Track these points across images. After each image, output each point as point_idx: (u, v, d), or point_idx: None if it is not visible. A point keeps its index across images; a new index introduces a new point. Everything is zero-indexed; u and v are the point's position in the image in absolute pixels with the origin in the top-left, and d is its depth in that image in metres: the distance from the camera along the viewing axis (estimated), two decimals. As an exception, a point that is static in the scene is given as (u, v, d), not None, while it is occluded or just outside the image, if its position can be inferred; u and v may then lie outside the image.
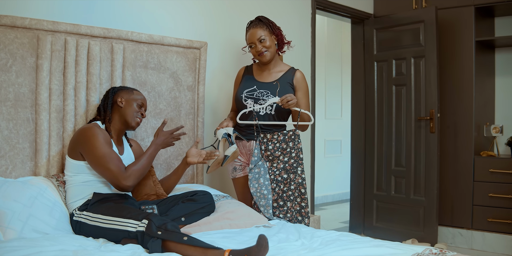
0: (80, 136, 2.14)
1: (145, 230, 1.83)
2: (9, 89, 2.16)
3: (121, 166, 2.09)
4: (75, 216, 2.08)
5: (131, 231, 1.88)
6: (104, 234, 1.98)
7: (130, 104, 2.33)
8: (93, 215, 2.02)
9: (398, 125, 4.28)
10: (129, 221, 1.91)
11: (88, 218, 2.03)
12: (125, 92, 2.36)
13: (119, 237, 1.94)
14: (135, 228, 1.87)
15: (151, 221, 1.84)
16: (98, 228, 1.98)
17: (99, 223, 1.99)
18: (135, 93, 2.38)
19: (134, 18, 2.77)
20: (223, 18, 3.30)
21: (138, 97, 2.38)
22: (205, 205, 2.32)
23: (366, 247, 1.87)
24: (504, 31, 4.23)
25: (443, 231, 4.15)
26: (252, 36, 2.68)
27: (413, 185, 4.15)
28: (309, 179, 3.97)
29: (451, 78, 4.15)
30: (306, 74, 3.96)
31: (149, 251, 1.80)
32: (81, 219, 2.05)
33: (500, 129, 4.02)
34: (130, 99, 2.34)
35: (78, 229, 2.05)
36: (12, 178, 2.16)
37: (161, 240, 1.80)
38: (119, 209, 2.01)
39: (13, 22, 2.15)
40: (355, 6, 4.34)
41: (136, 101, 2.36)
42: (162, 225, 1.83)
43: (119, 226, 1.93)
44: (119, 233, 1.93)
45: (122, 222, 1.93)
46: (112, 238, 1.96)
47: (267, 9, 3.61)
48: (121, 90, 2.37)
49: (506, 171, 3.81)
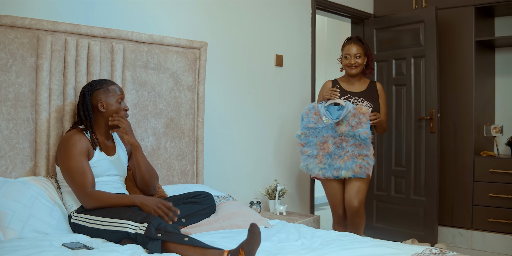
0: (59, 144, 2.14)
1: (144, 233, 1.83)
2: (9, 89, 2.16)
3: (88, 182, 2.05)
4: (72, 218, 2.08)
5: (130, 232, 1.88)
6: (102, 235, 1.97)
7: (111, 105, 2.23)
8: (91, 217, 2.01)
9: (398, 125, 4.27)
10: (128, 222, 1.90)
11: (86, 220, 2.02)
12: (101, 93, 2.22)
13: (118, 238, 1.93)
14: (135, 230, 1.87)
15: (151, 223, 1.84)
16: (97, 230, 1.98)
17: (97, 225, 1.98)
18: (110, 90, 2.24)
19: (134, 18, 2.77)
20: (223, 18, 3.30)
21: (115, 92, 2.25)
22: (207, 207, 2.32)
23: (366, 247, 1.87)
24: (504, 31, 4.23)
25: (443, 231, 4.15)
26: (350, 49, 3.10)
27: (413, 185, 4.14)
28: (309, 179, 3.98)
29: (451, 78, 4.15)
30: (306, 74, 3.97)
31: (149, 251, 1.80)
32: (79, 222, 2.04)
33: (500, 129, 4.02)
34: (109, 101, 2.23)
35: (76, 231, 2.05)
36: (12, 178, 2.16)
37: (161, 241, 1.80)
38: (116, 210, 2.00)
39: (13, 22, 2.14)
40: (355, 6, 4.35)
41: (115, 98, 2.24)
42: (162, 227, 1.83)
43: (118, 227, 1.92)
44: (118, 234, 1.92)
45: (120, 223, 1.92)
46: (111, 238, 1.95)
47: (267, 9, 3.61)
48: (95, 91, 2.22)
49: (506, 171, 3.81)
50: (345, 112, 2.94)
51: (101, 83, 2.25)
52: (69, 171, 2.06)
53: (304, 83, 3.95)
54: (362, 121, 2.93)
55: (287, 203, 3.64)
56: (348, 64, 3.12)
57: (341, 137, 2.97)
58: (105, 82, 2.27)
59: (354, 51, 3.09)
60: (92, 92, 2.22)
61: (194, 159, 2.95)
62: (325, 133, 2.99)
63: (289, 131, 3.78)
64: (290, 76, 3.82)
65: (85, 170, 2.06)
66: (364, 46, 3.12)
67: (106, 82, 2.27)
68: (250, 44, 3.50)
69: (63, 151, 2.09)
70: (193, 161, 2.95)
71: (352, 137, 2.94)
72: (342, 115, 2.93)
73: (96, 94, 2.22)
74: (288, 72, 3.80)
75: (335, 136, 2.97)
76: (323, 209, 5.81)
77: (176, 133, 2.85)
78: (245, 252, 1.68)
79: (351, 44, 3.12)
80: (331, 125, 2.98)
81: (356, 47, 3.09)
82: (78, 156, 2.07)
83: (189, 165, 2.92)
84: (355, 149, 2.94)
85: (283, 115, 3.78)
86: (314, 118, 3.02)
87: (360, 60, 3.10)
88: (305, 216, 3.22)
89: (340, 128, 2.97)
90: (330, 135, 2.98)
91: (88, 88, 2.23)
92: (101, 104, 2.22)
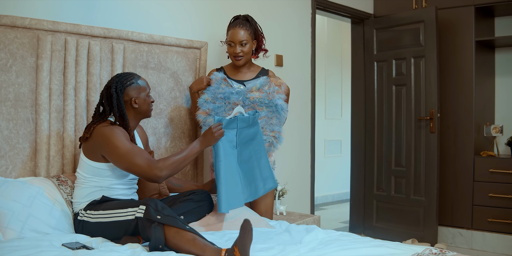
0: (99, 137, 2.07)
1: (143, 216, 1.84)
2: (9, 89, 2.16)
3: (149, 158, 2.04)
4: (79, 215, 2.08)
5: (131, 219, 1.88)
6: (105, 230, 1.98)
7: (144, 101, 2.25)
8: (95, 212, 2.02)
9: (398, 125, 4.27)
10: (128, 210, 1.92)
11: (90, 216, 2.03)
12: (133, 90, 2.21)
13: (121, 231, 1.94)
14: (134, 215, 1.88)
15: (149, 205, 1.85)
16: (100, 224, 1.98)
17: (100, 218, 1.99)
18: (141, 85, 2.25)
19: (134, 18, 2.77)
20: (224, 18, 3.30)
21: (145, 87, 2.26)
22: (202, 204, 2.32)
23: (366, 247, 1.87)
24: (504, 31, 4.23)
25: (443, 231, 4.15)
26: (235, 35, 2.66)
27: (413, 185, 4.14)
28: (309, 179, 3.98)
29: (451, 78, 4.15)
30: (306, 74, 3.97)
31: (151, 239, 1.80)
32: (84, 218, 2.05)
33: (500, 129, 4.02)
34: (141, 96, 2.24)
35: (81, 228, 2.05)
36: (12, 178, 2.16)
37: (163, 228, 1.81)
38: (119, 203, 2.02)
39: (13, 22, 2.14)
40: (355, 6, 4.34)
41: (146, 93, 2.26)
42: (159, 209, 1.85)
43: (119, 217, 1.93)
44: (120, 225, 1.93)
45: (121, 212, 1.93)
46: (114, 233, 1.96)
47: (267, 9, 3.61)
48: (127, 88, 2.21)
49: (506, 171, 3.81)
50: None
51: (130, 79, 2.22)
52: (126, 156, 2.01)
53: (304, 83, 3.95)
54: (279, 92, 2.65)
55: (287, 203, 3.64)
56: (232, 53, 2.69)
57: (253, 106, 2.64)
58: (132, 77, 2.24)
59: (239, 37, 2.64)
60: (124, 89, 2.19)
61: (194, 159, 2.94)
62: (236, 99, 2.63)
63: (288, 131, 3.78)
64: (290, 76, 3.81)
65: (137, 149, 2.04)
66: (252, 28, 2.69)
67: (133, 76, 2.25)
68: (250, 44, 3.50)
69: (108, 141, 2.04)
70: (194, 162, 2.95)
71: (266, 106, 2.63)
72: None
73: (128, 91, 2.21)
74: (288, 72, 3.80)
75: (246, 103, 2.64)
76: (323, 209, 5.81)
77: (176, 133, 2.85)
78: (239, 249, 1.68)
79: (236, 27, 2.67)
80: (243, 92, 2.64)
81: (242, 31, 2.65)
82: (126, 140, 2.06)
83: (189, 165, 2.92)
84: (266, 123, 2.63)
85: (283, 115, 3.77)
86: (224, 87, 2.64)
87: (246, 49, 2.67)
88: (305, 216, 3.22)
89: (252, 94, 2.63)
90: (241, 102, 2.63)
91: (120, 86, 2.18)
92: (134, 100, 2.21)
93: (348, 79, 5.53)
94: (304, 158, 3.94)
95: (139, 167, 2.00)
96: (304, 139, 3.94)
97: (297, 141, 3.87)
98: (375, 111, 4.46)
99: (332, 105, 6.32)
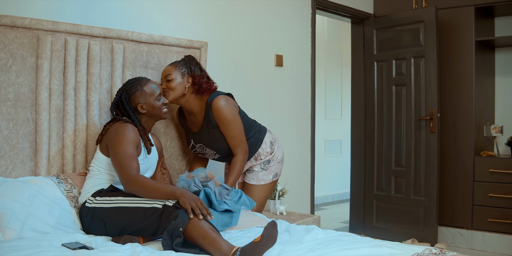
0: (113, 132, 2.18)
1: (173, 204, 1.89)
2: (9, 89, 2.16)
3: (134, 167, 2.07)
4: (87, 202, 2.09)
5: (157, 207, 1.91)
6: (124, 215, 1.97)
7: (152, 106, 2.31)
8: (111, 198, 2.05)
9: (398, 125, 4.28)
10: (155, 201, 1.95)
11: (104, 201, 2.05)
12: (138, 96, 2.28)
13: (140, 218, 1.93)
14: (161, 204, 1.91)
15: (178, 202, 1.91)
16: (118, 209, 1.99)
17: (119, 203, 2.01)
18: (147, 91, 2.29)
19: (134, 18, 2.77)
20: (224, 18, 3.30)
21: (152, 91, 2.30)
22: None
23: (366, 247, 1.87)
24: (504, 31, 4.23)
25: (443, 231, 4.15)
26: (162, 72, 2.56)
27: (413, 185, 4.15)
28: (309, 179, 3.98)
29: (451, 78, 4.15)
30: (306, 74, 3.96)
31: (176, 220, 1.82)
32: (96, 205, 2.06)
33: (500, 129, 4.02)
34: (148, 101, 2.29)
35: (91, 215, 2.05)
36: (12, 178, 2.16)
37: None
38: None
39: (13, 22, 2.14)
40: (355, 6, 4.35)
41: (153, 97, 2.31)
42: None
43: (145, 204, 1.95)
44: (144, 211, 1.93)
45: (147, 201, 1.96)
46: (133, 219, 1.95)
47: (267, 9, 3.61)
48: (131, 95, 2.27)
49: (506, 171, 3.81)
50: None
51: (135, 85, 2.30)
52: (119, 154, 2.08)
53: (304, 83, 3.95)
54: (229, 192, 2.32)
55: (287, 203, 3.64)
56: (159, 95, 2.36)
57: None
58: (138, 83, 2.31)
59: (164, 72, 2.54)
60: (129, 97, 2.29)
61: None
62: None
63: (288, 131, 3.78)
64: (290, 76, 3.82)
65: (134, 156, 2.11)
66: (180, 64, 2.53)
67: (139, 82, 2.31)
68: (250, 44, 3.50)
69: (118, 136, 2.13)
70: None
71: None
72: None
73: (134, 98, 2.30)
74: (288, 72, 3.80)
75: None
76: (323, 209, 5.81)
77: (176, 133, 2.85)
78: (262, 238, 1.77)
79: None
80: None
81: (167, 68, 2.53)
82: (130, 143, 2.13)
83: (183, 166, 2.91)
84: None
85: (283, 115, 3.77)
86: None
87: (172, 84, 2.48)
88: (305, 216, 3.22)
89: None
90: None
91: (125, 94, 2.28)
92: (141, 106, 2.29)
93: (348, 79, 5.54)
94: (304, 158, 3.94)
95: (120, 168, 2.06)
96: (304, 139, 3.94)
97: (297, 141, 3.87)
98: (375, 111, 4.46)
99: (332, 105, 6.32)
